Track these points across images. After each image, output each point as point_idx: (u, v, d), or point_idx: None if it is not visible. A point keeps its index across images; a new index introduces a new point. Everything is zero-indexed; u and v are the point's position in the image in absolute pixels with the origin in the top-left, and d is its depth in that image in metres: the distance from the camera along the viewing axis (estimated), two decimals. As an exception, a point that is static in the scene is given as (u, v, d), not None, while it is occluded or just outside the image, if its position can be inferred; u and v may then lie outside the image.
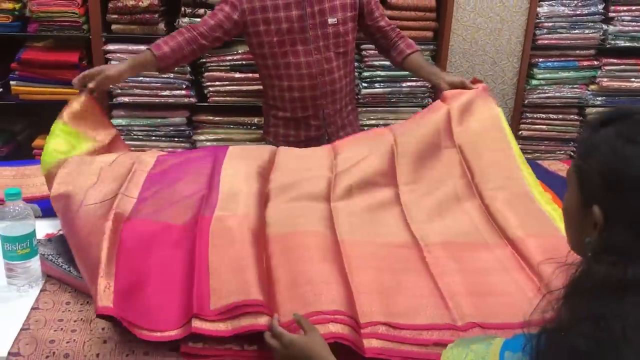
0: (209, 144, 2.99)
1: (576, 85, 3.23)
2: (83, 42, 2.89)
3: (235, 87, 2.95)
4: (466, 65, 3.22)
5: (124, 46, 2.85)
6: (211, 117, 3.02)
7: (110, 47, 2.85)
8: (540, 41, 3.14)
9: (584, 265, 0.78)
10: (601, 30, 3.13)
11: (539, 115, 3.28)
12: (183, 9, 2.83)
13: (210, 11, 2.22)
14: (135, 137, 2.98)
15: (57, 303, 1.34)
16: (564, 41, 3.14)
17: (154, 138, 3.00)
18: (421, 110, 2.10)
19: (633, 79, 3.21)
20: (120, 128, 2.95)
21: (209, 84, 2.96)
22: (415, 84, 3.04)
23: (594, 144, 0.79)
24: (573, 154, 3.34)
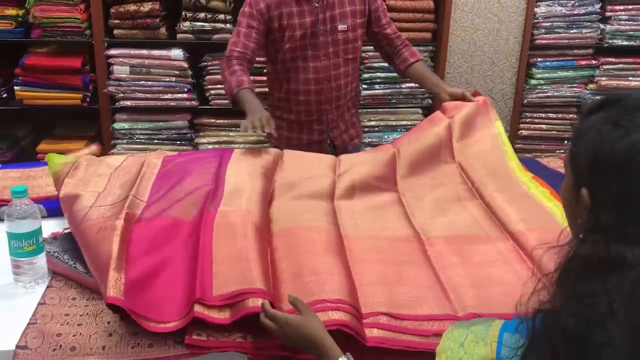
0: (211, 146, 3.01)
1: (575, 85, 3.25)
2: (86, 47, 2.93)
3: (237, 90, 2.98)
4: (465, 65, 3.24)
5: (126, 50, 2.89)
6: (213, 120, 3.05)
7: (113, 52, 2.88)
8: (538, 41, 3.17)
9: (573, 246, 0.80)
10: (598, 30, 3.16)
11: (538, 114, 3.31)
12: (184, 14, 2.86)
13: (235, 28, 2.15)
14: (138, 141, 3.01)
15: (64, 298, 1.36)
16: (562, 41, 3.17)
17: (157, 141, 3.03)
18: (421, 120, 2.15)
19: (631, 78, 3.24)
20: (122, 132, 2.99)
21: (211, 87, 2.99)
22: (414, 85, 3.05)
23: (583, 129, 0.82)
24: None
